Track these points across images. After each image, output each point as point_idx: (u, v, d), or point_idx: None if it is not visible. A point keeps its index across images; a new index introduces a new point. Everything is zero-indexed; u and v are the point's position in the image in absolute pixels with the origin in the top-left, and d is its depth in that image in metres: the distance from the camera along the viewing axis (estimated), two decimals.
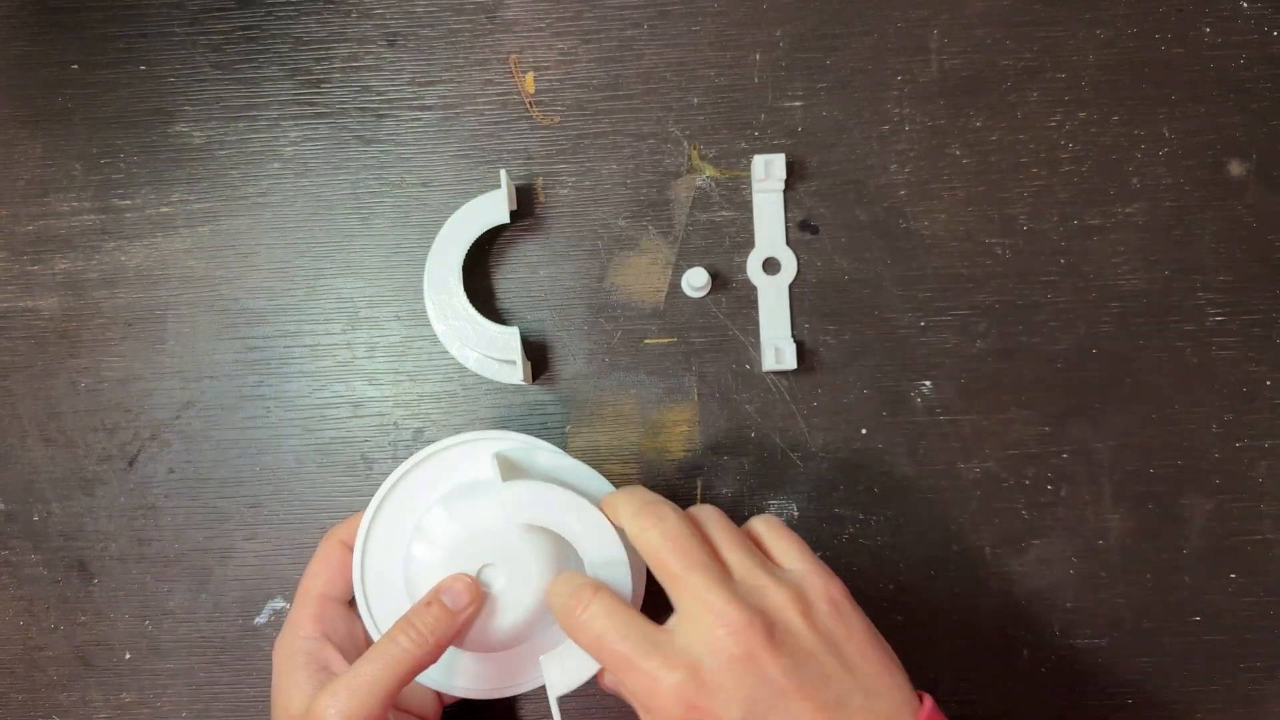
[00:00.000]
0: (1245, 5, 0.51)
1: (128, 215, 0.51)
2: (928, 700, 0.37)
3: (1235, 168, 0.51)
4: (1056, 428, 0.50)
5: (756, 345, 0.50)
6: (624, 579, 0.40)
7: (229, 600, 0.50)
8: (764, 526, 0.41)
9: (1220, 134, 0.51)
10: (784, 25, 0.51)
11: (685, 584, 0.37)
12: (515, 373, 0.48)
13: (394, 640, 0.39)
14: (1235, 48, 0.51)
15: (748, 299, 0.50)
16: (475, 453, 0.44)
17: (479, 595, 0.40)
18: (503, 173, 0.48)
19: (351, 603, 0.44)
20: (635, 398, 0.50)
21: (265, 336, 0.51)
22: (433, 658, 0.39)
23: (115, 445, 0.51)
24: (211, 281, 0.51)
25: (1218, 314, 0.50)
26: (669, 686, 0.35)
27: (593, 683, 0.41)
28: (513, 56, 0.51)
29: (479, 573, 0.41)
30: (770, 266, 0.50)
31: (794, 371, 0.50)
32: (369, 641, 0.44)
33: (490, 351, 0.48)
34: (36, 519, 0.50)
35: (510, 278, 0.51)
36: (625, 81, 0.51)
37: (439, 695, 0.46)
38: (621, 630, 0.37)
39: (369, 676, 0.38)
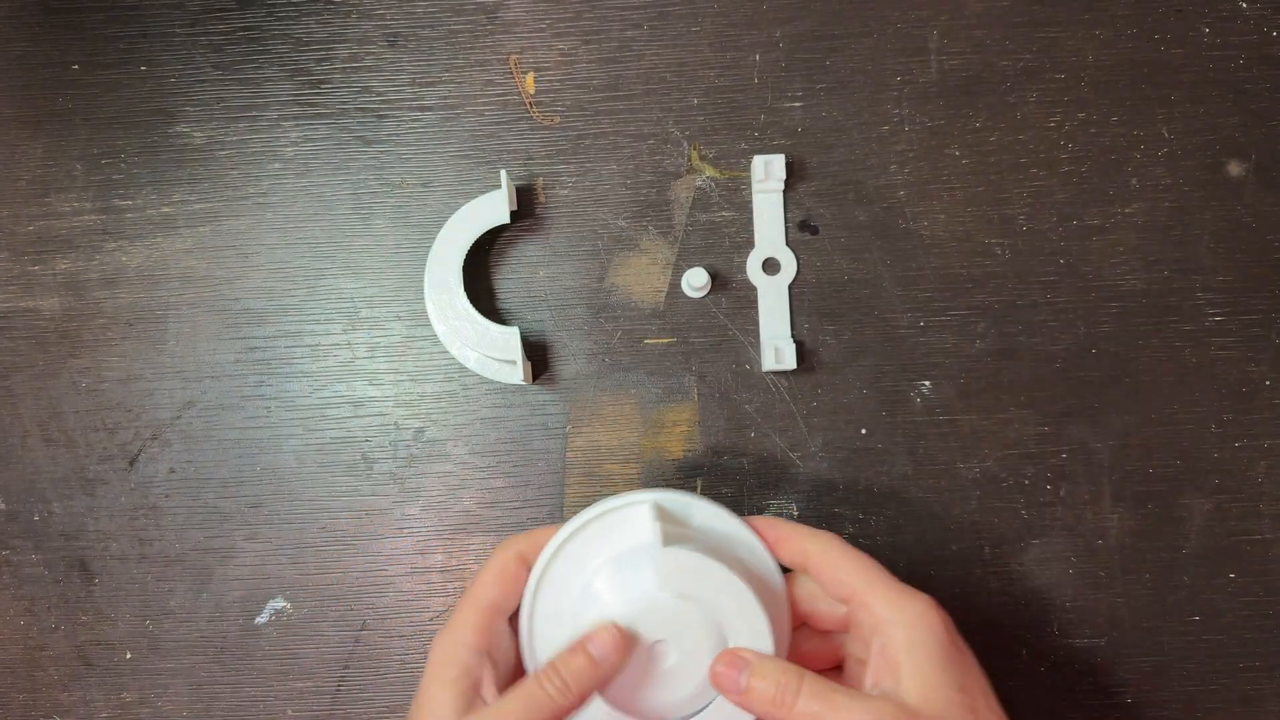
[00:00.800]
0: (1244, 5, 0.51)
1: (129, 215, 0.51)
2: None
3: (1234, 168, 0.51)
4: (1056, 428, 0.50)
5: (756, 345, 0.50)
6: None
7: (230, 600, 0.50)
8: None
9: (1219, 134, 0.51)
10: (784, 25, 0.51)
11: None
12: (515, 373, 0.48)
13: (539, 684, 0.38)
14: (1234, 48, 0.51)
15: (748, 299, 0.51)
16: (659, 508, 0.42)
17: (625, 647, 0.39)
18: (503, 173, 0.48)
19: (511, 619, 0.43)
20: (635, 398, 0.50)
21: (266, 336, 0.51)
22: (574, 707, 0.39)
23: (116, 445, 0.51)
24: (212, 282, 0.51)
25: (1217, 314, 0.50)
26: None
27: None
28: (513, 57, 0.51)
29: (653, 647, 0.40)
30: (770, 267, 0.51)
31: (794, 371, 0.50)
32: (520, 668, 0.42)
33: (491, 351, 0.48)
34: (37, 519, 0.51)
35: (510, 278, 0.51)
36: (625, 82, 0.51)
37: None
38: (831, 703, 0.38)
39: (513, 714, 0.38)
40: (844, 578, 0.40)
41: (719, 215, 0.51)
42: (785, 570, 0.42)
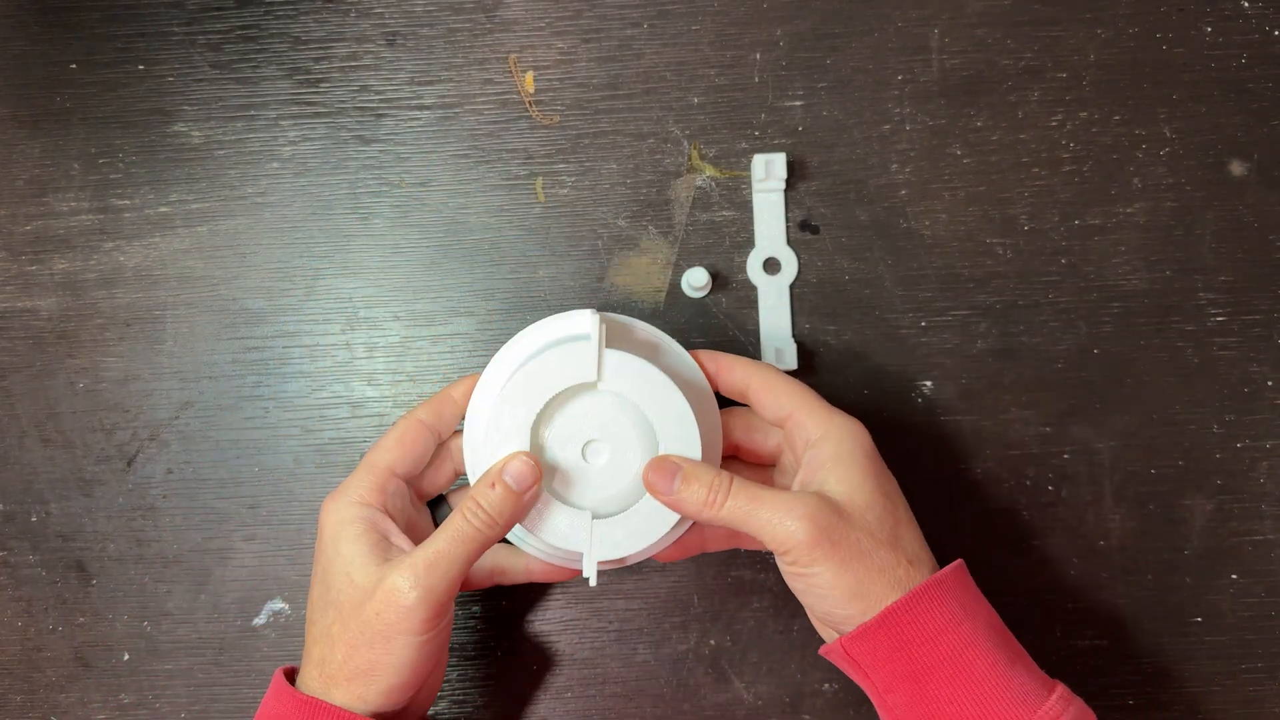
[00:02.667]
0: (1246, 5, 0.51)
1: (126, 215, 0.51)
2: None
3: (1236, 167, 0.51)
4: (1057, 428, 0.50)
5: (756, 345, 0.50)
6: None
7: (228, 601, 0.50)
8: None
9: (1221, 134, 0.51)
10: (784, 25, 0.51)
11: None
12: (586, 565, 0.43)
13: (464, 519, 0.40)
14: (1236, 47, 0.51)
15: (748, 299, 0.50)
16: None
17: (540, 474, 0.41)
18: (593, 317, 0.42)
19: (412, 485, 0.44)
20: None
21: (264, 337, 0.51)
22: (499, 536, 0.40)
23: (114, 446, 0.50)
24: (210, 281, 0.51)
25: (1219, 314, 0.50)
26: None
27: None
28: (512, 56, 0.51)
29: (583, 449, 0.42)
30: (771, 266, 0.50)
31: (794, 371, 0.50)
32: (417, 529, 0.44)
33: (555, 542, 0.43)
34: (35, 520, 0.50)
35: (510, 278, 0.51)
36: (625, 81, 0.51)
37: (488, 573, 0.46)
38: (758, 499, 0.40)
39: (446, 552, 0.39)
40: (781, 399, 0.43)
41: (719, 215, 0.51)
42: (724, 405, 0.45)
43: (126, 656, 0.50)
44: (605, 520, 0.42)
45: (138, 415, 0.50)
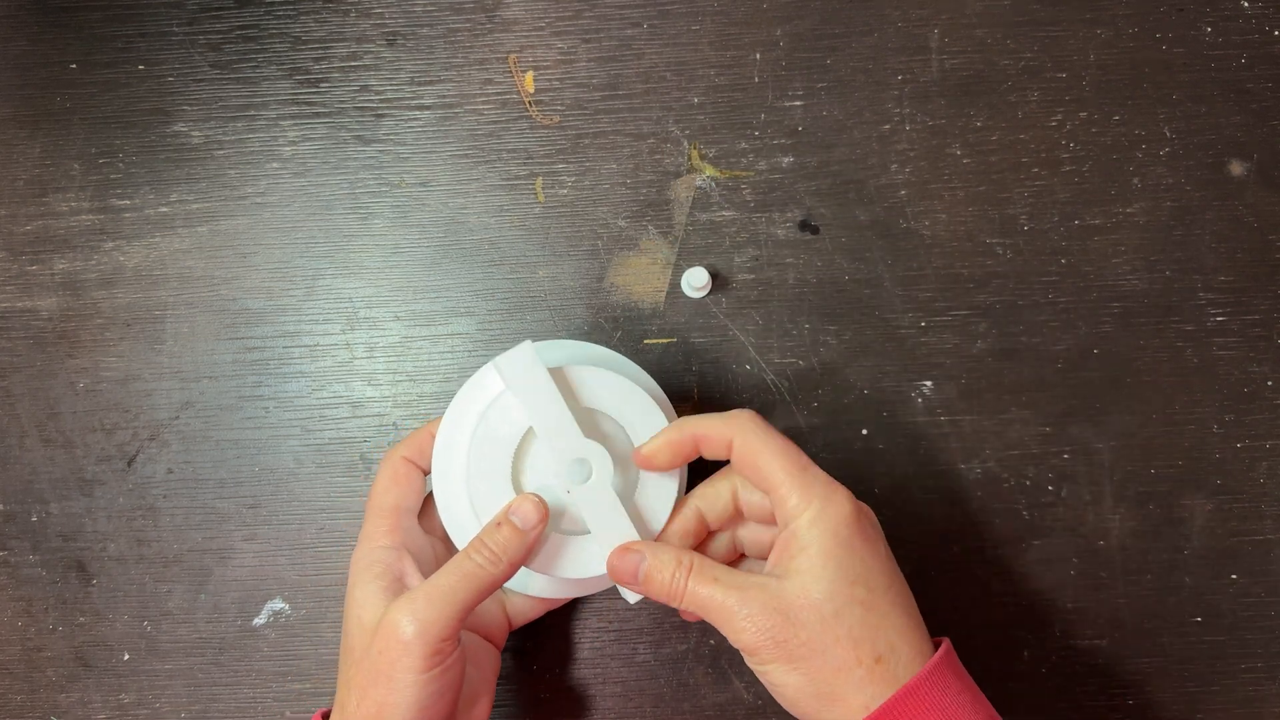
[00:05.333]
0: (1246, 5, 0.51)
1: (126, 215, 0.51)
2: (945, 642, 0.40)
3: (1236, 168, 0.51)
4: (1057, 428, 0.50)
5: (757, 345, 0.50)
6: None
7: (228, 601, 0.50)
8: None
9: (1221, 134, 0.51)
10: (784, 25, 0.51)
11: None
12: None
13: (469, 557, 0.39)
14: (1236, 47, 0.51)
15: (748, 298, 0.50)
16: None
17: (545, 512, 0.41)
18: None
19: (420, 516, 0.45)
20: None
21: (264, 337, 0.51)
22: (506, 576, 0.40)
23: (114, 446, 0.50)
24: (210, 281, 0.51)
25: (1218, 314, 0.50)
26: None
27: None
28: (512, 56, 0.51)
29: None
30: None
31: (795, 372, 0.50)
32: (441, 559, 0.44)
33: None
34: (35, 519, 0.50)
35: (510, 278, 0.51)
36: (625, 81, 0.51)
37: (508, 619, 0.46)
38: (715, 586, 0.39)
39: (447, 587, 0.39)
40: (762, 468, 0.40)
41: (719, 215, 0.51)
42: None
43: (127, 656, 0.50)
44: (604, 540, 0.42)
45: (138, 415, 0.51)
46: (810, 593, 0.38)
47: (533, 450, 0.43)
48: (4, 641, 0.50)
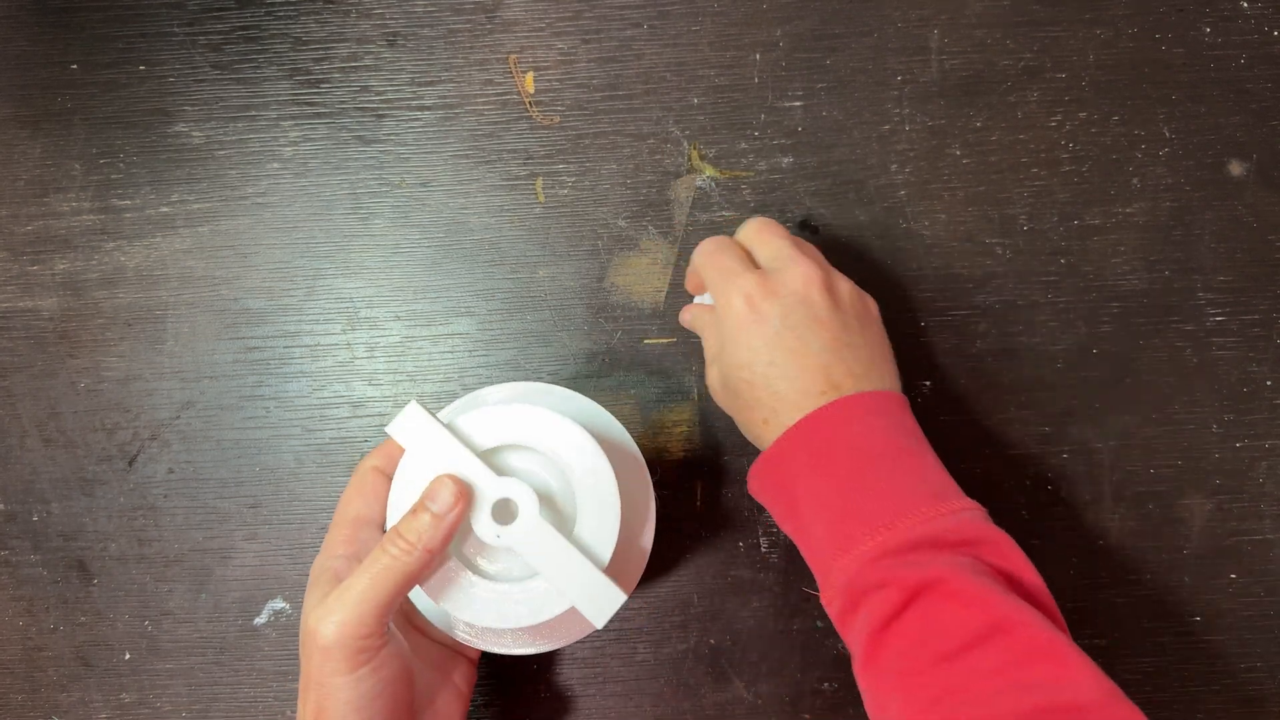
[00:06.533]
0: (1245, 5, 0.51)
1: (127, 215, 0.51)
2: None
3: (1235, 168, 0.51)
4: (1056, 428, 0.50)
5: None
6: (609, 486, 0.41)
7: (229, 600, 0.50)
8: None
9: (1220, 134, 0.51)
10: (784, 25, 0.51)
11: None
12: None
13: (384, 551, 0.39)
14: (1235, 48, 0.51)
15: None
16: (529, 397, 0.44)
17: (465, 496, 0.40)
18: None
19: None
20: (635, 398, 0.50)
21: (265, 337, 0.51)
22: (425, 565, 0.39)
23: (115, 445, 0.50)
24: (211, 281, 0.51)
25: (1218, 314, 0.50)
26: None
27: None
28: (512, 56, 0.51)
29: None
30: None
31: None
32: None
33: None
34: (36, 519, 0.50)
35: (510, 278, 0.51)
36: (625, 81, 0.51)
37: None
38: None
39: (360, 588, 0.38)
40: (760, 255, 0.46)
41: (719, 215, 0.51)
42: None
43: (128, 656, 0.50)
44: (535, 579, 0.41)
45: (139, 415, 0.51)
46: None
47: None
48: (5, 641, 0.50)
